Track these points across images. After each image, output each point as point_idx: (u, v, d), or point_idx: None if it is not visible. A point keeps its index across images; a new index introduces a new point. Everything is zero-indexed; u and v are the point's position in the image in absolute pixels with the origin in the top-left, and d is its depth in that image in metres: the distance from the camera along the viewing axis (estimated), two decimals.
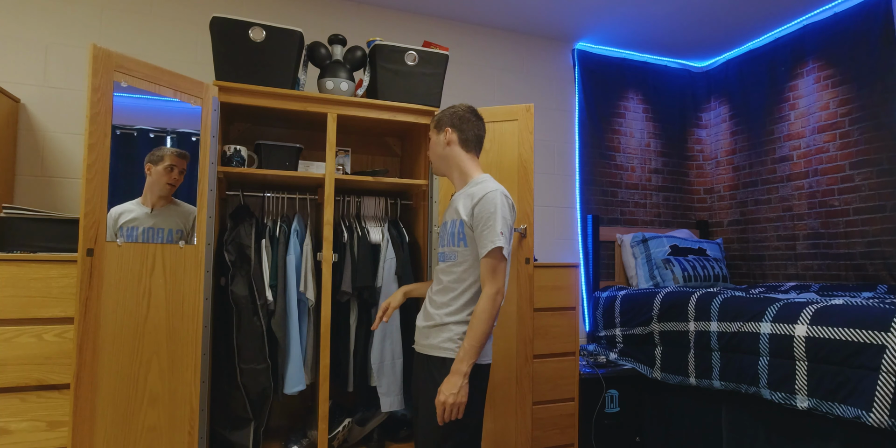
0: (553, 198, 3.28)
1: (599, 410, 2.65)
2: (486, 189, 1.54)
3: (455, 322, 1.54)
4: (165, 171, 1.81)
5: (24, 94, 2.29)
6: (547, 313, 2.44)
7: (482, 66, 3.16)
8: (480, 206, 1.51)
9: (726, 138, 3.57)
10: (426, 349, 1.58)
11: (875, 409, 1.75)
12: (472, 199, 1.54)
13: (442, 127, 1.67)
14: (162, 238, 1.80)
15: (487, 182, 1.59)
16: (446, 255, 1.61)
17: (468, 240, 1.55)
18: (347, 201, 2.44)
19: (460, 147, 1.65)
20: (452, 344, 1.52)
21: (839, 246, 2.83)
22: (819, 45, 2.97)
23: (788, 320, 2.06)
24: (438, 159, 1.69)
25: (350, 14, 2.88)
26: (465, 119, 1.65)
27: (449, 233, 1.61)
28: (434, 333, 1.56)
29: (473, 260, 1.55)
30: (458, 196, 1.63)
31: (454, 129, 1.65)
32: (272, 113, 2.25)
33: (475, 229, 1.52)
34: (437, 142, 1.68)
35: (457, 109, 1.68)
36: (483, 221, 1.49)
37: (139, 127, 1.79)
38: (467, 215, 1.54)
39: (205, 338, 1.88)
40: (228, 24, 2.02)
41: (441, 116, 1.69)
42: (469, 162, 1.66)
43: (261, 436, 2.10)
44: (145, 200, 1.77)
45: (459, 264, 1.56)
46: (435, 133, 1.69)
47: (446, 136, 1.65)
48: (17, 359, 1.70)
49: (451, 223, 1.61)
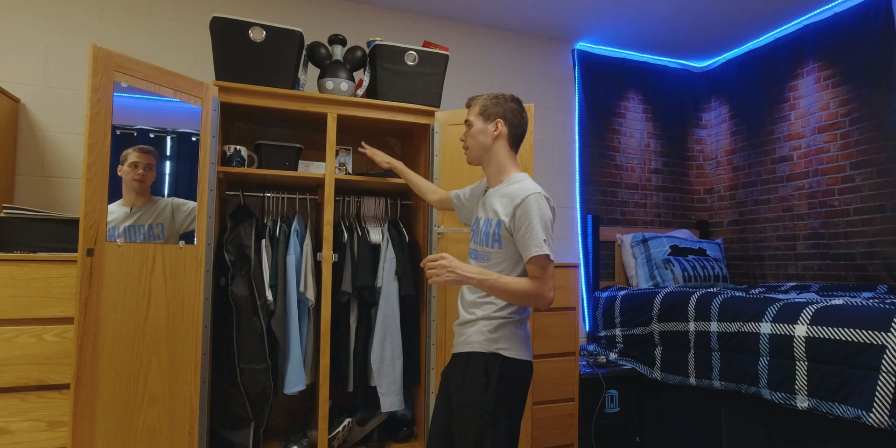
0: (553, 198, 3.20)
1: (599, 410, 2.65)
2: (526, 190, 1.48)
3: (483, 317, 1.51)
4: (130, 168, 1.78)
5: (24, 94, 2.29)
6: (547, 313, 2.44)
7: (482, 66, 3.16)
8: (522, 209, 1.45)
9: (726, 138, 3.57)
10: (457, 347, 1.56)
11: (875, 409, 1.75)
12: (511, 200, 1.49)
13: (492, 117, 1.57)
14: (143, 234, 1.78)
15: (526, 182, 1.54)
16: (479, 255, 1.57)
17: (504, 242, 1.50)
18: (347, 201, 2.44)
19: (507, 142, 1.58)
20: (481, 336, 1.49)
21: (839, 246, 2.83)
22: (819, 45, 2.97)
23: (788, 320, 2.06)
24: (481, 149, 1.59)
25: (350, 14, 2.88)
26: (517, 113, 1.58)
27: (483, 232, 1.56)
28: (463, 331, 1.55)
29: (507, 262, 1.51)
30: (494, 193, 1.57)
31: (506, 123, 1.57)
32: (272, 113, 2.25)
33: (516, 233, 1.47)
34: (485, 131, 1.58)
35: (508, 100, 1.59)
36: (525, 227, 1.44)
37: (139, 127, 1.79)
38: (507, 217, 1.48)
39: (205, 338, 1.89)
40: (228, 24, 2.02)
41: (490, 104, 1.58)
42: (511, 159, 1.60)
43: (261, 436, 2.10)
44: (125, 201, 1.76)
45: (492, 266, 1.52)
46: (481, 120, 1.59)
47: (497, 129, 1.56)
48: (17, 359, 1.70)
49: (485, 222, 1.56)
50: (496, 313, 1.50)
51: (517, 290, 1.42)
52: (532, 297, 1.43)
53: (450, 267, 1.39)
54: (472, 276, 1.41)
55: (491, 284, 1.42)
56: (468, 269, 1.42)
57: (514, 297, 1.45)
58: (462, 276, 1.40)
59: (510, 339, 1.49)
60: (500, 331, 1.49)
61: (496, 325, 1.49)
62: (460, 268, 1.40)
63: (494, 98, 1.60)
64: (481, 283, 1.42)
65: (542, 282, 1.43)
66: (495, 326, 1.49)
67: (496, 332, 1.49)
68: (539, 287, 1.42)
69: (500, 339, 1.48)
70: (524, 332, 1.54)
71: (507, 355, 1.47)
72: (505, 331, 1.49)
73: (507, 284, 1.42)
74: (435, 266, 1.40)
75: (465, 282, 1.42)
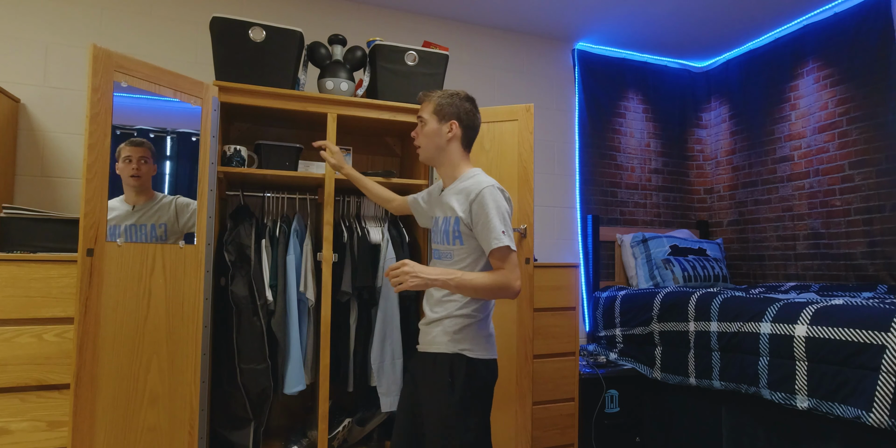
0: (553, 198, 3.28)
1: (599, 410, 2.65)
2: (480, 184, 1.50)
3: (447, 316, 1.52)
4: (125, 163, 1.76)
5: (24, 94, 2.29)
6: (547, 313, 2.44)
7: (482, 66, 3.16)
8: (478, 203, 1.47)
9: (726, 138, 3.57)
10: (423, 347, 1.57)
11: (875, 409, 1.75)
12: (467, 196, 1.51)
13: (447, 117, 1.58)
14: (146, 234, 1.77)
15: (480, 176, 1.56)
16: (442, 254, 1.59)
17: (465, 238, 1.52)
18: (347, 201, 2.44)
19: (460, 144, 1.60)
20: (445, 337, 1.50)
21: (839, 246, 2.83)
22: (819, 45, 2.97)
23: (788, 320, 2.06)
24: (435, 149, 1.61)
25: (350, 14, 2.88)
26: (471, 114, 1.60)
27: (443, 230, 1.57)
28: (429, 330, 1.55)
29: (471, 257, 1.53)
30: (449, 192, 1.59)
31: (461, 125, 1.58)
32: (272, 113, 2.25)
33: (475, 228, 1.48)
34: (439, 132, 1.58)
35: (462, 101, 1.60)
36: (483, 220, 1.46)
37: (139, 127, 1.79)
38: (464, 213, 1.50)
39: (205, 338, 1.88)
40: (228, 24, 2.02)
41: (445, 104, 1.59)
42: (464, 158, 1.62)
43: (261, 436, 2.10)
44: (127, 198, 1.75)
45: (456, 263, 1.54)
46: (435, 120, 1.59)
47: (452, 130, 1.58)
48: (17, 359, 1.70)
49: (443, 220, 1.57)
50: (459, 311, 1.51)
51: (483, 284, 1.43)
52: (499, 288, 1.44)
53: (412, 272, 1.39)
54: (437, 277, 1.42)
55: (457, 283, 1.43)
56: (431, 272, 1.42)
57: (482, 292, 1.45)
58: (426, 280, 1.41)
59: (473, 339, 1.51)
60: (463, 331, 1.50)
61: (461, 326, 1.50)
62: (423, 271, 1.41)
63: (449, 97, 1.60)
64: (447, 284, 1.43)
65: (507, 272, 1.44)
66: (460, 327, 1.50)
67: (460, 332, 1.50)
68: (504, 278, 1.44)
69: (463, 339, 1.50)
70: (487, 331, 1.56)
71: (470, 356, 1.49)
72: (468, 331, 1.51)
73: (472, 280, 1.43)
74: (398, 273, 1.40)
75: (430, 285, 1.43)
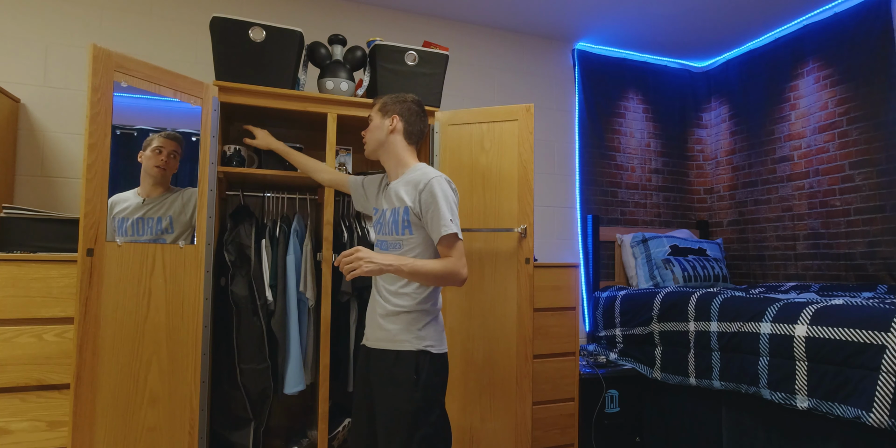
0: (553, 198, 3.28)
1: (599, 410, 2.65)
2: (427, 175, 1.54)
3: (406, 310, 1.53)
4: (153, 153, 1.77)
5: (24, 94, 2.29)
6: (547, 313, 2.44)
7: (482, 66, 3.16)
8: (427, 192, 1.51)
9: (726, 138, 3.57)
10: (380, 343, 1.56)
11: (875, 409, 1.75)
12: (415, 186, 1.54)
13: (389, 113, 1.66)
14: (151, 228, 1.77)
15: (426, 168, 1.61)
16: (389, 244, 1.61)
17: (414, 227, 1.55)
18: (347, 201, 2.44)
19: (403, 137, 1.66)
20: (409, 335, 1.51)
21: (839, 246, 2.83)
22: (819, 45, 2.97)
23: (788, 320, 2.06)
24: (377, 144, 1.67)
25: (350, 14, 2.88)
26: (413, 112, 1.67)
27: (391, 221, 1.60)
28: (386, 325, 1.55)
29: (421, 247, 1.55)
30: (397, 184, 1.62)
31: (402, 119, 1.65)
32: (272, 113, 2.25)
33: (424, 217, 1.52)
34: (381, 126, 1.66)
35: (407, 100, 1.68)
36: (431, 209, 1.50)
37: (139, 127, 1.79)
38: (413, 202, 1.53)
39: (205, 338, 1.88)
40: (228, 24, 2.02)
41: (389, 101, 1.67)
42: (408, 152, 1.67)
43: (261, 436, 2.10)
44: (141, 190, 1.76)
45: (406, 253, 1.56)
46: (379, 116, 1.67)
47: (392, 124, 1.64)
48: (17, 359, 1.70)
49: (391, 211, 1.61)
50: (419, 306, 1.54)
51: (433, 270, 1.47)
52: (448, 275, 1.48)
53: (366, 257, 1.41)
54: (390, 262, 1.44)
55: (409, 269, 1.45)
56: (385, 258, 1.44)
57: (432, 279, 1.49)
58: (380, 265, 1.42)
59: (435, 334, 1.55)
60: (426, 328, 1.53)
61: (424, 322, 1.53)
62: (376, 257, 1.42)
63: (395, 97, 1.69)
64: (399, 270, 1.45)
65: (455, 260, 1.49)
66: (423, 323, 1.53)
67: (424, 329, 1.53)
68: (453, 265, 1.48)
69: (427, 336, 1.53)
70: (442, 326, 1.61)
71: (434, 352, 1.52)
72: (430, 327, 1.54)
73: (423, 266, 1.46)
74: (352, 259, 1.41)
75: (384, 270, 1.44)
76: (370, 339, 1.60)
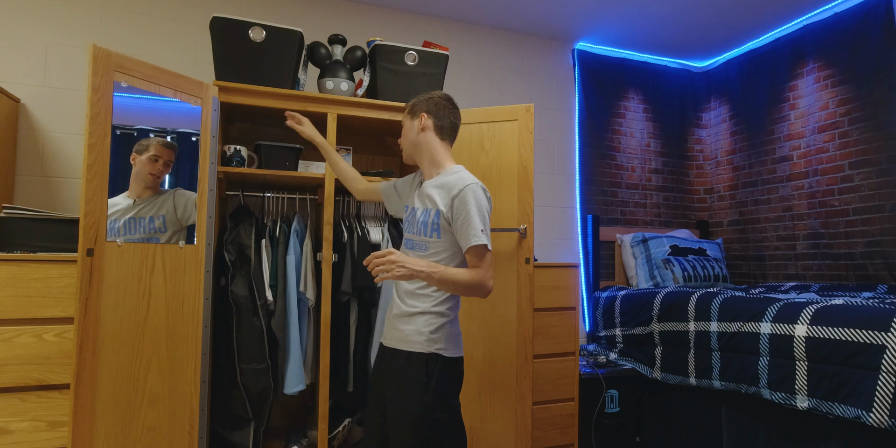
0: (553, 198, 3.28)
1: (599, 410, 2.65)
2: (463, 181, 1.51)
3: (423, 311, 1.51)
4: (149, 160, 1.76)
5: (24, 94, 2.29)
6: (547, 313, 2.44)
7: (482, 66, 3.16)
8: (460, 199, 1.48)
9: (726, 138, 3.57)
10: (394, 343, 1.55)
11: (875, 409, 1.75)
12: (448, 191, 1.51)
13: (417, 112, 1.63)
14: (143, 227, 1.77)
15: (462, 173, 1.57)
16: (416, 244, 1.59)
17: (443, 231, 1.52)
18: (347, 201, 2.44)
19: (435, 134, 1.62)
20: (421, 337, 1.49)
21: (839, 246, 2.83)
22: (819, 45, 2.97)
23: (788, 320, 2.06)
24: (410, 146, 1.65)
25: (350, 14, 2.88)
26: (441, 106, 1.62)
27: (421, 221, 1.57)
28: (402, 326, 1.53)
29: (447, 252, 1.53)
30: (430, 184, 1.59)
31: (430, 115, 1.62)
32: (272, 113, 2.24)
33: (454, 223, 1.50)
34: (411, 127, 1.64)
35: (433, 96, 1.64)
36: (462, 217, 1.47)
37: (139, 127, 1.79)
38: (445, 207, 1.51)
39: (205, 338, 1.88)
40: (228, 24, 2.02)
41: (416, 102, 1.65)
42: (442, 150, 1.63)
43: (261, 436, 2.10)
44: (131, 192, 1.74)
45: (430, 255, 1.54)
46: (408, 118, 1.66)
47: (421, 122, 1.61)
48: (17, 359, 1.70)
49: (423, 211, 1.58)
50: (435, 308, 1.51)
51: (462, 280, 1.45)
52: (475, 286, 1.47)
53: (399, 261, 1.40)
54: (422, 269, 1.42)
55: (439, 277, 1.44)
56: (417, 263, 1.43)
57: (460, 288, 1.47)
58: (412, 270, 1.41)
59: (448, 338, 1.52)
60: (439, 331, 1.50)
61: (437, 325, 1.50)
62: (409, 262, 1.41)
63: (420, 96, 1.66)
64: (430, 276, 1.44)
65: (483, 271, 1.47)
66: (436, 326, 1.50)
67: (437, 331, 1.50)
68: (480, 276, 1.47)
69: (439, 339, 1.50)
70: (458, 330, 1.58)
71: (446, 355, 1.50)
72: (444, 330, 1.51)
73: (453, 275, 1.45)
74: (383, 261, 1.40)
75: (415, 276, 1.43)
76: (387, 337, 1.60)
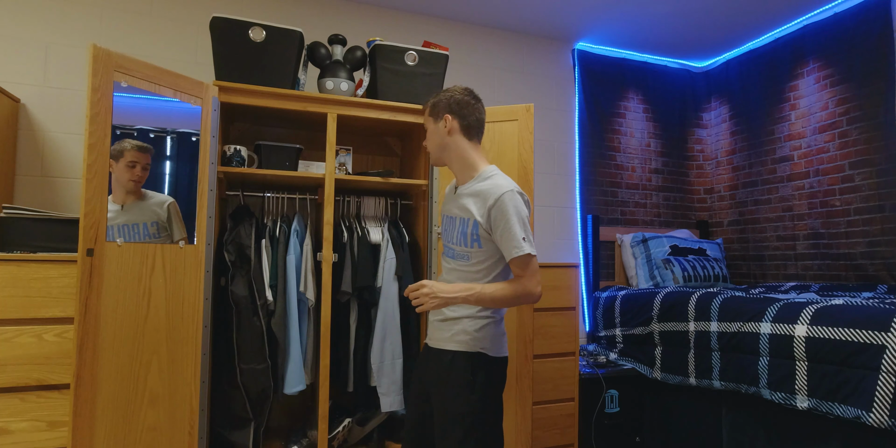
0: (553, 198, 3.28)
1: (599, 410, 2.65)
2: (499, 188, 1.45)
3: (467, 316, 1.50)
4: (127, 167, 1.73)
5: (24, 94, 2.29)
6: (547, 313, 2.44)
7: (482, 66, 3.16)
8: (497, 209, 1.43)
9: (726, 138, 3.57)
10: (439, 343, 1.54)
11: (875, 409, 1.75)
12: (484, 200, 1.46)
13: (440, 114, 1.54)
14: (139, 233, 1.76)
15: (497, 177, 1.51)
16: (458, 255, 1.55)
17: (483, 241, 1.48)
18: (347, 201, 2.44)
19: (462, 135, 1.54)
20: (466, 336, 1.48)
21: (839, 246, 2.83)
22: (819, 45, 2.97)
23: (788, 320, 2.06)
24: (438, 150, 1.57)
25: (350, 14, 2.88)
26: (464, 103, 1.54)
27: (460, 232, 1.53)
28: (446, 327, 1.53)
29: (490, 260, 1.50)
30: (465, 191, 1.54)
31: (455, 116, 1.53)
32: (272, 113, 2.25)
33: (494, 233, 1.45)
34: (436, 131, 1.56)
35: (454, 93, 1.55)
36: (502, 227, 1.43)
37: (139, 127, 1.79)
38: (483, 218, 1.46)
39: (205, 338, 1.89)
40: (228, 24, 2.02)
41: (437, 102, 1.56)
42: (473, 151, 1.55)
43: (261, 436, 2.10)
44: (115, 198, 1.71)
45: (473, 265, 1.51)
46: (431, 121, 1.57)
47: (446, 124, 1.53)
48: (17, 359, 1.70)
49: (461, 221, 1.53)
50: (480, 312, 1.51)
51: (504, 296, 1.44)
52: (520, 297, 1.45)
53: (431, 293, 1.40)
54: (456, 295, 1.42)
55: (477, 298, 1.43)
56: (450, 290, 1.42)
57: (502, 303, 1.46)
58: (447, 299, 1.41)
59: (493, 338, 1.51)
60: (483, 330, 1.50)
61: (481, 325, 1.50)
62: (443, 291, 1.41)
63: (441, 94, 1.57)
64: (467, 300, 1.43)
65: (527, 279, 1.44)
66: (480, 326, 1.50)
67: (480, 331, 1.49)
68: (524, 286, 1.44)
69: (483, 338, 1.49)
70: (503, 330, 1.57)
71: (491, 355, 1.49)
72: (487, 330, 1.50)
73: (493, 293, 1.43)
74: (418, 295, 1.41)
75: (451, 302, 1.43)
76: (431, 338, 1.59)
